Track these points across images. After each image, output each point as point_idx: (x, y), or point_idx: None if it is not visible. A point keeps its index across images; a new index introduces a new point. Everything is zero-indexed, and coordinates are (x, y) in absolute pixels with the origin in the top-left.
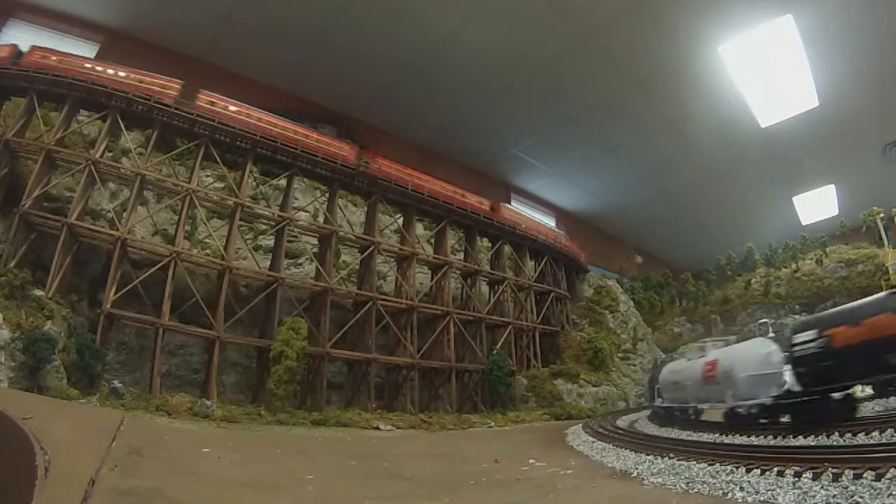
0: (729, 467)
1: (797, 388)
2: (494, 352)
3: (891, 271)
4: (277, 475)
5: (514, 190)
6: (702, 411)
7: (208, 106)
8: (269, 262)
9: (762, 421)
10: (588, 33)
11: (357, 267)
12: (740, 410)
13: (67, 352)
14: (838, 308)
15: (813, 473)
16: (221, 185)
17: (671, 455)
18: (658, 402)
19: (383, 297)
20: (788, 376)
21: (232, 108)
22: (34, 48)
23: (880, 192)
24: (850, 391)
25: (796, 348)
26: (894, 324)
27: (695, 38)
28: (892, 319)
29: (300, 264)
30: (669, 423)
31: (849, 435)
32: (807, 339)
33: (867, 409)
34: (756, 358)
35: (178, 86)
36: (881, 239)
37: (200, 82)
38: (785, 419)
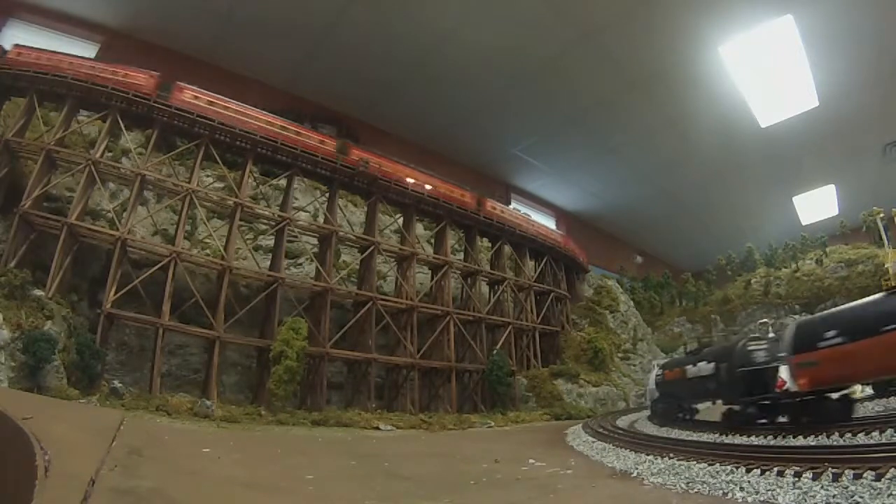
0: (729, 467)
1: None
2: (494, 352)
3: (891, 271)
4: (277, 475)
5: (514, 190)
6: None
7: (16, 58)
8: (269, 262)
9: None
10: (588, 33)
11: (357, 267)
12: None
13: (67, 352)
14: (674, 359)
15: (813, 473)
16: (221, 185)
17: (671, 455)
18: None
19: (383, 297)
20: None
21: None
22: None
23: (880, 192)
24: (695, 403)
25: (656, 377)
26: (680, 374)
27: (695, 38)
28: (679, 371)
29: (300, 264)
30: (669, 422)
31: (849, 435)
32: (659, 372)
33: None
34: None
35: None
36: (881, 239)
37: (201, 82)
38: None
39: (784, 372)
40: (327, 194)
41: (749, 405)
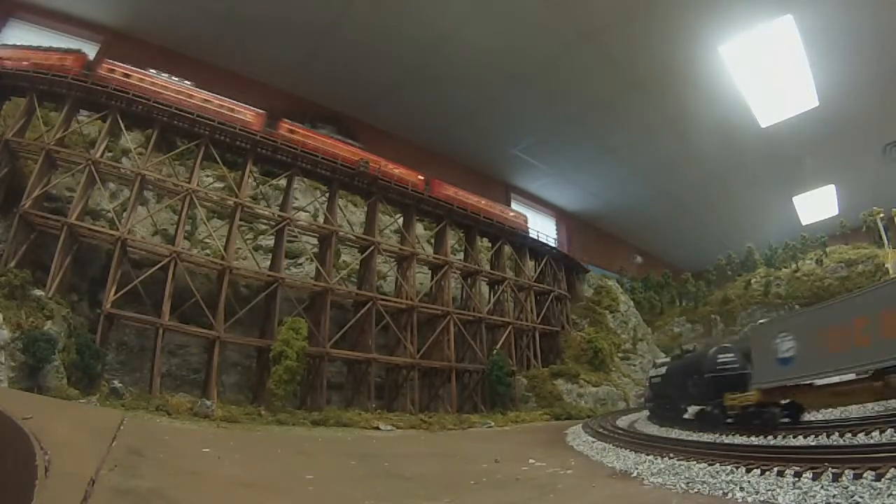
0: (729, 467)
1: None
2: (494, 352)
3: (891, 271)
4: (277, 475)
5: (514, 190)
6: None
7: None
8: (269, 262)
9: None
10: (588, 33)
11: (357, 267)
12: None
13: (67, 352)
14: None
15: (813, 473)
16: (221, 185)
17: (671, 455)
18: None
19: (383, 297)
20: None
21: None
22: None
23: (880, 192)
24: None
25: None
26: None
27: (695, 38)
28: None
29: (300, 264)
30: (670, 422)
31: (849, 435)
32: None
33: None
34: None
35: None
36: (881, 239)
37: (201, 82)
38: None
39: None
40: (327, 194)
41: None
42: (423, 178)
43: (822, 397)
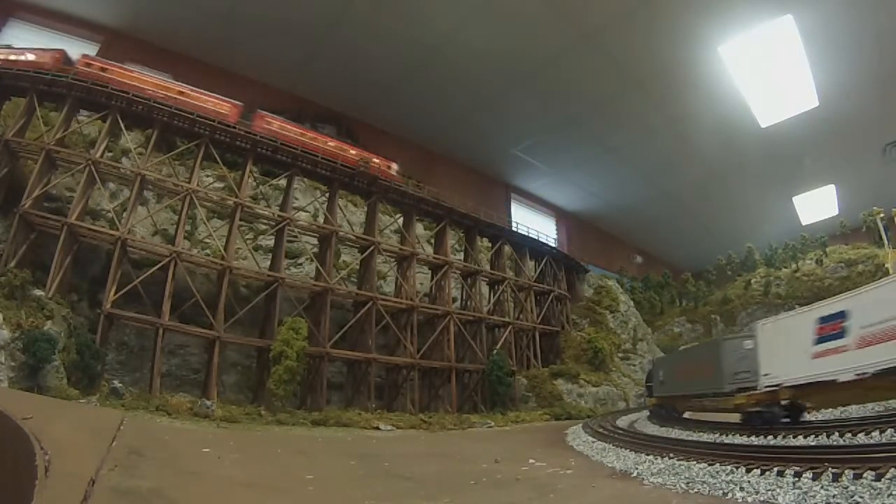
0: (729, 467)
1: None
2: (494, 352)
3: (891, 271)
4: (277, 475)
5: (514, 190)
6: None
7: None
8: (269, 262)
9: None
10: (588, 33)
11: (357, 267)
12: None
13: (67, 352)
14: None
15: (813, 473)
16: (221, 185)
17: (671, 455)
18: None
19: (383, 297)
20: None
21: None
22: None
23: (880, 192)
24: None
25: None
26: None
27: (695, 38)
28: None
29: (300, 264)
30: (669, 422)
31: (849, 435)
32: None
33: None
34: None
35: None
36: (881, 239)
37: (201, 81)
38: None
39: None
40: (327, 194)
41: None
42: (238, 106)
43: (684, 405)
